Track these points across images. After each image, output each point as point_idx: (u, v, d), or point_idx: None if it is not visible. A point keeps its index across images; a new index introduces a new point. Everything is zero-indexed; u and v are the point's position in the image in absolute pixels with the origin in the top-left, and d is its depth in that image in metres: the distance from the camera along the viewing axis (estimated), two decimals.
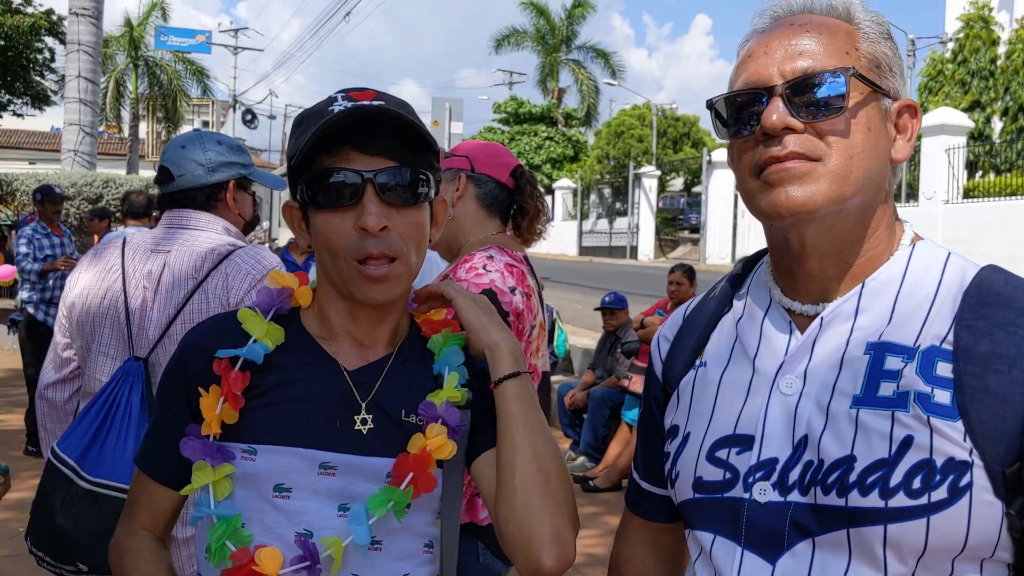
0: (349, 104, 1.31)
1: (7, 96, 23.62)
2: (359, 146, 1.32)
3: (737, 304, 1.33)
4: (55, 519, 2.10)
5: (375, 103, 1.31)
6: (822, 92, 1.12)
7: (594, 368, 7.77)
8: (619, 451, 6.80)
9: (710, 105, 1.24)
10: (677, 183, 39.36)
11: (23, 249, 7.51)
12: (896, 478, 1.06)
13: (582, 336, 10.22)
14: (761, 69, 1.16)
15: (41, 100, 24.04)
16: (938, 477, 1.04)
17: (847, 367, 1.13)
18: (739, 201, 24.46)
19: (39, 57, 23.20)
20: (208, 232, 2.41)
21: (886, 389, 1.09)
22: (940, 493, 1.04)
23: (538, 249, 3.38)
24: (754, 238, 22.77)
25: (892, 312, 1.15)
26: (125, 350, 2.31)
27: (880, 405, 1.09)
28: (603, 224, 34.82)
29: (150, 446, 1.46)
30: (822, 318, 1.18)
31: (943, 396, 1.06)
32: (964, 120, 19.16)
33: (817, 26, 1.17)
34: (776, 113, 1.13)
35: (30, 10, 22.10)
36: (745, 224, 24.52)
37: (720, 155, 26.14)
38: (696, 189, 35.10)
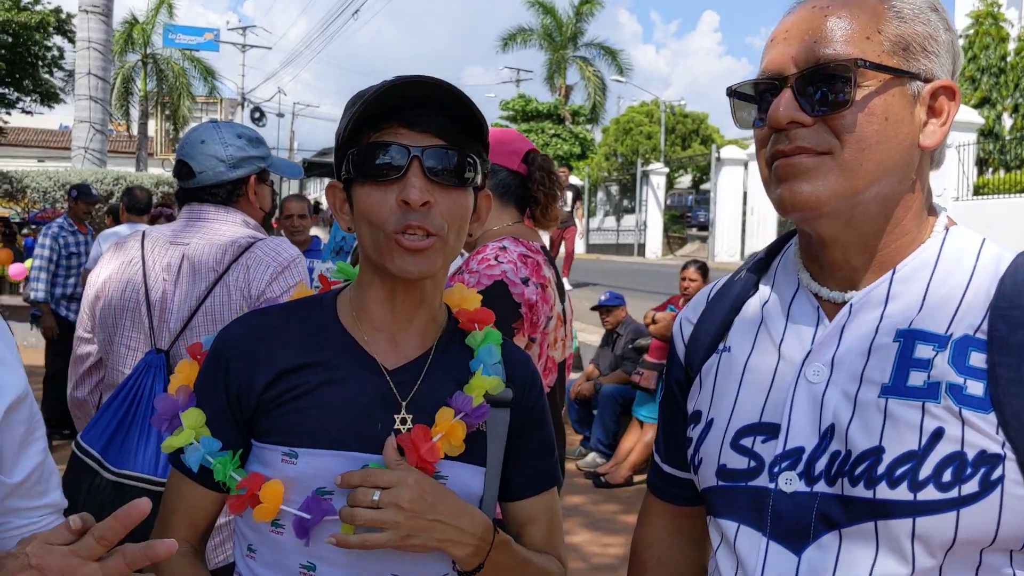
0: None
1: (16, 94, 23.68)
2: (408, 123, 1.32)
3: (763, 288, 1.30)
4: (78, 511, 2.09)
5: (432, 79, 1.31)
6: (830, 84, 1.09)
7: (597, 365, 7.76)
8: (631, 447, 6.78)
9: (731, 93, 1.22)
10: (685, 180, 39.25)
11: (46, 250, 7.44)
12: (926, 471, 1.04)
13: (591, 333, 10.19)
14: (777, 56, 1.14)
15: (50, 98, 24.09)
16: (969, 470, 1.03)
17: (876, 355, 1.12)
18: (748, 199, 24.45)
19: (47, 55, 23.25)
20: (227, 224, 2.42)
21: (916, 378, 1.08)
22: (971, 487, 1.02)
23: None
24: (763, 236, 22.70)
25: (924, 299, 1.13)
26: (147, 342, 2.32)
27: (910, 395, 1.07)
28: (611, 222, 34.68)
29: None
30: (851, 304, 1.16)
31: (976, 387, 1.05)
32: (974, 117, 19.06)
33: (838, 8, 1.12)
34: (782, 107, 1.11)
35: (38, 8, 22.14)
36: (754, 221, 24.44)
37: (729, 152, 26.07)
38: (705, 186, 35.00)
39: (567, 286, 13.13)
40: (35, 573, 1.05)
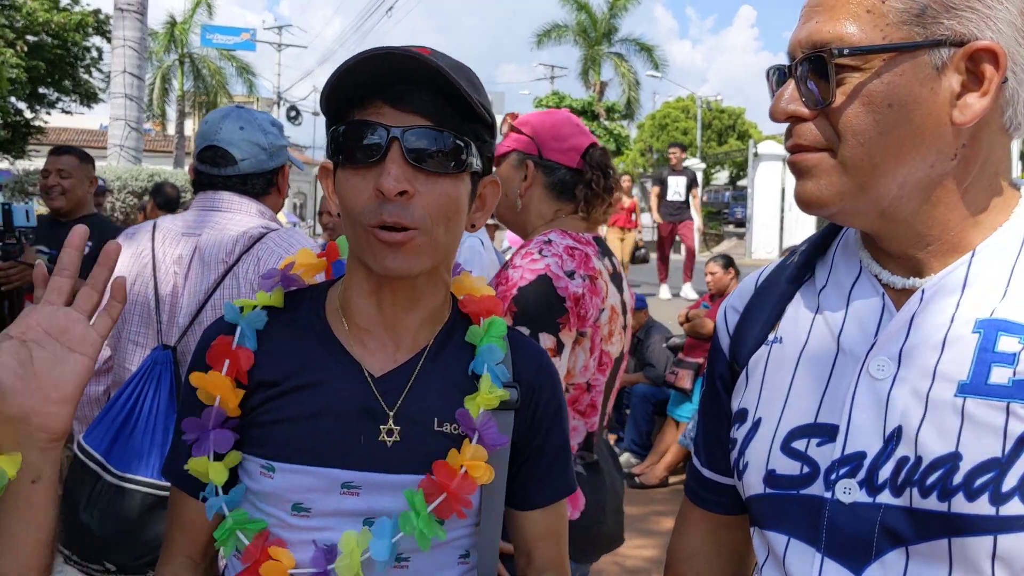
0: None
1: (56, 94, 24.02)
2: (394, 100, 1.16)
3: (820, 272, 1.16)
4: (79, 515, 2.02)
5: (412, 52, 1.15)
6: (816, 74, 0.99)
7: (627, 369, 7.64)
8: (666, 447, 6.67)
9: (768, 76, 1.11)
10: (722, 176, 38.93)
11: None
12: (1010, 481, 0.90)
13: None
14: (794, 37, 1.03)
15: (89, 98, 24.41)
16: None
17: (951, 348, 0.97)
18: (786, 195, 24.15)
19: (87, 55, 23.56)
20: (241, 214, 2.32)
21: (1000, 375, 0.94)
22: None
23: None
24: (802, 232, 22.40)
25: (1008, 285, 0.98)
26: (155, 338, 2.23)
27: (992, 394, 0.93)
28: (646, 218, 34.57)
29: (179, 456, 1.31)
30: (923, 291, 1.02)
31: None
32: None
33: None
34: (782, 99, 1.02)
35: (77, 8, 22.43)
36: (792, 218, 24.14)
37: (766, 147, 25.76)
38: (742, 182, 34.68)
39: (691, 294, 12.74)
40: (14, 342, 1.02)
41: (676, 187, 12.98)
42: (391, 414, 1.24)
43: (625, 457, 7.03)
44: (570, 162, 2.28)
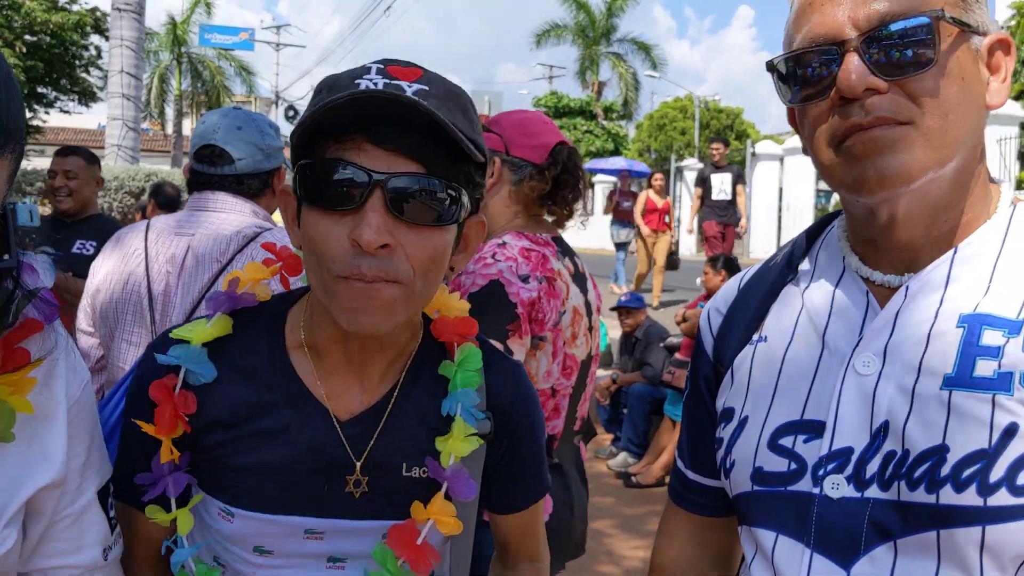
0: (380, 82, 1.03)
1: (54, 93, 23.97)
2: (378, 138, 1.02)
3: (804, 272, 1.17)
4: None
5: (412, 88, 1.02)
6: (907, 43, 0.96)
7: (623, 368, 7.64)
8: (663, 446, 6.67)
9: (771, 67, 1.08)
10: None
11: None
12: (998, 472, 0.91)
13: (613, 329, 10.04)
14: (828, 19, 1.00)
15: (88, 97, 24.36)
16: None
17: (936, 342, 0.98)
18: (783, 195, 24.14)
19: (85, 54, 23.51)
20: (235, 214, 2.32)
21: (984, 368, 0.94)
22: None
23: (577, 243, 3.22)
24: (799, 232, 22.42)
25: (990, 281, 0.99)
26: (148, 337, 2.22)
27: (978, 386, 0.94)
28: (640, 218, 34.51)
29: (127, 474, 1.19)
30: (907, 287, 1.03)
31: None
32: (1017, 110, 18.61)
33: None
34: (855, 73, 0.96)
35: (75, 7, 22.39)
36: (790, 217, 24.12)
37: (764, 147, 25.75)
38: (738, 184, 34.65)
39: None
40: None
41: (721, 185, 11.60)
42: (358, 464, 1.17)
43: (622, 457, 7.02)
44: (537, 159, 2.21)
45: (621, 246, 13.42)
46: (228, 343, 1.20)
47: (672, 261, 11.99)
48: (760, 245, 25.16)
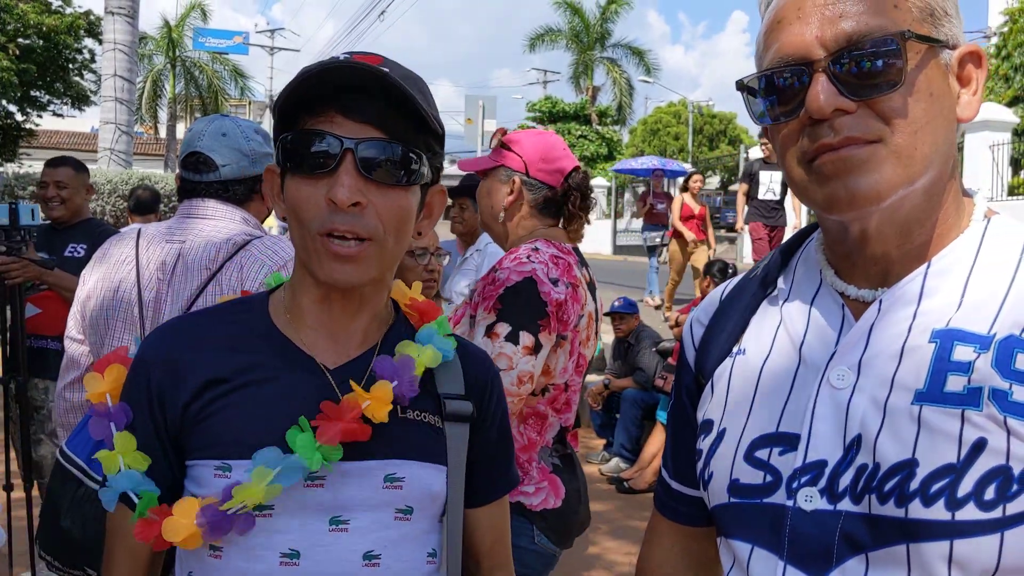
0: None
1: (47, 96, 23.93)
2: (347, 110, 1.17)
3: (782, 285, 1.18)
4: (61, 521, 2.01)
5: (375, 67, 1.17)
6: (874, 63, 0.97)
7: (617, 374, 7.65)
8: (655, 451, 6.68)
9: (741, 86, 1.08)
10: (713, 181, 38.98)
11: None
12: (965, 487, 0.92)
13: (607, 334, 10.06)
14: (796, 38, 1.00)
15: (81, 100, 24.33)
16: (1016, 487, 0.90)
17: (909, 357, 0.99)
18: None
19: (78, 57, 23.48)
20: (225, 221, 2.32)
21: (955, 383, 0.95)
22: (1018, 505, 0.90)
23: None
24: (792, 233, 22.40)
25: (963, 295, 1.00)
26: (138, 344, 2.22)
27: (947, 402, 0.94)
28: (637, 223, 34.52)
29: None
30: (881, 302, 1.04)
31: (1023, 394, 0.92)
32: (1009, 116, 18.69)
33: None
34: (823, 94, 0.97)
35: (69, 11, 22.37)
36: None
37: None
38: (733, 187, 34.72)
39: None
40: None
41: (770, 183, 10.67)
42: None
43: (615, 462, 7.04)
44: (554, 183, 2.44)
45: (652, 250, 12.81)
46: (219, 315, 1.34)
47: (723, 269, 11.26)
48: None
